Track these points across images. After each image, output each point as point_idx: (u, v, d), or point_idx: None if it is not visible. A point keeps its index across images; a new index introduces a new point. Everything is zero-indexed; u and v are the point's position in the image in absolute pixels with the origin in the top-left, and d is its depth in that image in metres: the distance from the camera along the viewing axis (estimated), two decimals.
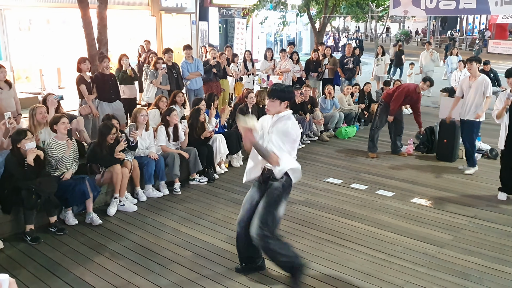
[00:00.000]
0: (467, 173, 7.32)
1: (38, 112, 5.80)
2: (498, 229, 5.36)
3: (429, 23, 27.43)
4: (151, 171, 6.29)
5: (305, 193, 6.51)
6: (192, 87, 9.53)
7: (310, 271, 4.41)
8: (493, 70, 12.93)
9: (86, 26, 8.76)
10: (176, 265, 4.55)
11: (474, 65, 7.06)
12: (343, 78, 12.17)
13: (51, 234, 5.14)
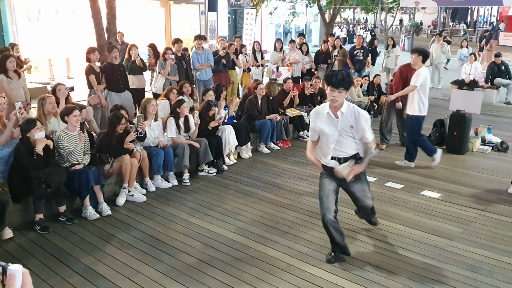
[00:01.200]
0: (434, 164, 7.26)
1: (47, 102, 5.80)
2: (508, 222, 5.31)
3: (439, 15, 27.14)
4: (160, 161, 6.29)
5: (314, 184, 6.48)
6: (201, 78, 9.52)
7: (319, 262, 4.41)
8: (504, 62, 12.82)
9: (95, 16, 8.74)
10: (185, 255, 4.56)
11: (415, 56, 6.92)
12: (352, 70, 12.08)
13: (60, 224, 5.17)
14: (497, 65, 12.68)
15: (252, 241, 4.84)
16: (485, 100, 11.12)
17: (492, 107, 11.87)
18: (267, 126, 7.94)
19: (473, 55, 13.24)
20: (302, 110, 9.07)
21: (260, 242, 4.82)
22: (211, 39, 18.46)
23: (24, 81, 7.35)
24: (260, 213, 5.55)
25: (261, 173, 6.95)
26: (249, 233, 5.03)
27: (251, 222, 5.29)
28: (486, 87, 12.58)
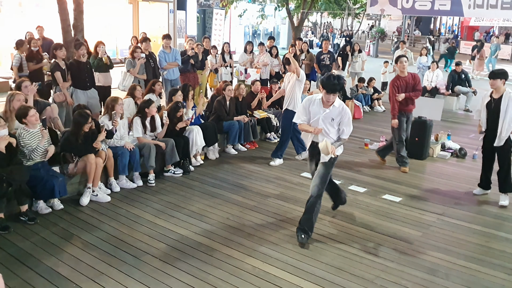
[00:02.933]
0: (272, 164, 7.55)
1: (15, 99, 5.66)
2: (465, 226, 5.53)
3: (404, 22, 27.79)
4: (126, 161, 6.23)
5: (280, 187, 6.58)
6: (169, 77, 9.48)
7: (283, 264, 4.49)
8: (464, 71, 13.25)
9: (62, 11, 8.58)
10: (150, 257, 4.55)
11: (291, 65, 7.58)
12: (319, 74, 12.26)
13: (21, 223, 5.07)
14: (458, 74, 13.10)
15: (217, 243, 4.87)
16: (446, 107, 11.49)
17: (452, 114, 12.27)
18: (235, 127, 7.98)
19: (435, 63, 13.64)
20: (270, 112, 9.15)
21: (225, 244, 4.85)
22: (179, 38, 18.36)
23: None
24: (226, 215, 5.58)
25: (228, 175, 6.98)
26: (215, 235, 5.06)
27: (216, 224, 5.32)
28: (447, 94, 12.99)
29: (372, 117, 11.61)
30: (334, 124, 4.96)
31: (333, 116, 4.93)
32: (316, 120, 4.97)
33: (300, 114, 5.08)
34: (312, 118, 5.02)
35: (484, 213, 5.95)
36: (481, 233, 5.37)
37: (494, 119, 6.11)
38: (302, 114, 5.06)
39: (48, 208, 5.40)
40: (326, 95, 4.81)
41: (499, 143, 6.10)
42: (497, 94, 6.13)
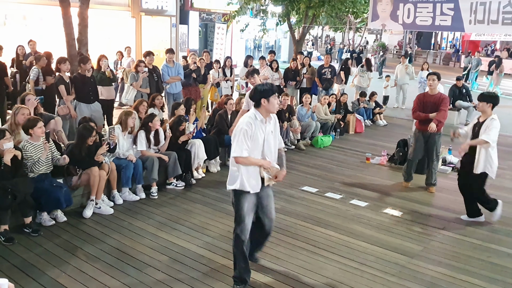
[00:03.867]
0: None
1: (20, 113, 5.73)
2: (465, 241, 5.55)
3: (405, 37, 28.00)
4: (129, 174, 6.29)
5: (281, 200, 6.61)
6: (171, 91, 9.57)
7: (284, 278, 4.51)
8: (465, 85, 13.33)
9: (67, 25, 8.69)
10: (152, 269, 4.57)
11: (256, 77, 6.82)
12: (320, 88, 12.36)
13: (25, 235, 5.10)
14: (458, 88, 13.18)
15: (219, 256, 4.90)
16: (447, 122, 11.48)
17: (453, 129, 12.24)
18: None
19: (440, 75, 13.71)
20: None
21: (227, 257, 4.87)
22: (181, 52, 18.51)
23: None
24: (227, 228, 5.60)
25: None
26: (216, 247, 5.09)
27: (218, 237, 5.35)
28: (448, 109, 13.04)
29: (374, 131, 11.66)
30: (274, 137, 4.27)
31: (272, 128, 4.24)
32: (260, 145, 4.11)
33: (242, 142, 3.99)
34: (253, 144, 4.08)
35: (485, 228, 5.97)
36: (482, 248, 5.39)
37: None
38: (244, 142, 4.00)
39: (52, 220, 5.45)
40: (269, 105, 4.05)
41: (476, 170, 5.92)
42: (482, 117, 6.01)
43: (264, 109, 4.06)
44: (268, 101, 4.03)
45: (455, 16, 10.88)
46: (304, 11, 15.28)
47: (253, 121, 4.03)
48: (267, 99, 4.03)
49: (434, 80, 6.99)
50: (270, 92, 4.05)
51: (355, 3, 16.02)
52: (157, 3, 17.22)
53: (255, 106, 4.11)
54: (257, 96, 4.07)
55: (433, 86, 7.01)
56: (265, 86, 4.10)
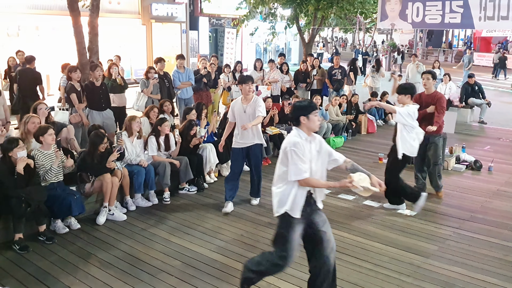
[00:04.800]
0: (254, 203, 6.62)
1: (31, 121, 5.80)
2: (482, 240, 5.48)
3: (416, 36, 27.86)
4: (141, 180, 6.32)
5: None
6: (182, 96, 9.61)
7: (297, 281, 4.48)
8: (478, 83, 13.19)
9: (78, 34, 8.77)
10: (166, 274, 4.58)
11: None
12: (331, 89, 12.32)
13: (40, 243, 5.15)
14: (471, 86, 13.05)
15: (232, 260, 4.90)
16: (460, 120, 11.45)
17: (466, 126, 12.19)
18: None
19: (447, 75, 13.60)
20: (282, 128, 9.20)
21: (240, 261, 4.85)
22: (192, 57, 18.59)
23: (4, 99, 7.35)
24: (240, 231, 5.61)
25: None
26: (230, 252, 5.08)
27: (231, 241, 5.35)
28: (461, 106, 12.93)
29: (386, 131, 11.56)
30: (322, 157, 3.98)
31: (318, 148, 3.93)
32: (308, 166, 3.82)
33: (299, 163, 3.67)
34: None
35: (501, 226, 5.89)
36: (499, 246, 5.31)
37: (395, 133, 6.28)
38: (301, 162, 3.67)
39: (66, 228, 5.49)
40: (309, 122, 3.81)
41: (399, 155, 6.13)
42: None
43: (305, 127, 3.78)
44: (308, 118, 3.75)
45: (464, 13, 10.77)
46: (312, 13, 15.28)
47: (299, 140, 3.72)
48: (307, 117, 3.75)
49: (428, 79, 6.61)
50: (310, 108, 3.78)
51: (363, 4, 15.96)
52: (167, 10, 17.32)
53: (295, 125, 3.85)
54: (295, 113, 3.80)
55: (427, 85, 6.63)
56: (303, 103, 3.87)
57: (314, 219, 3.89)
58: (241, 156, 6.30)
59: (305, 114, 3.75)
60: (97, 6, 8.97)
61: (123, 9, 16.17)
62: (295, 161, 3.65)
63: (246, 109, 6.10)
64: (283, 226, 3.84)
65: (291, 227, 3.80)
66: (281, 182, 3.83)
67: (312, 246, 3.96)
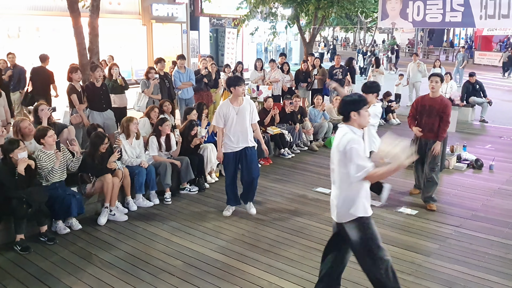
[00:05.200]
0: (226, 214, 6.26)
1: (22, 126, 5.78)
2: (483, 238, 5.47)
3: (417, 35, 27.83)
4: (142, 180, 6.32)
5: (294, 202, 6.59)
6: (183, 97, 9.62)
7: (298, 279, 4.48)
8: (479, 81, 13.16)
9: (78, 35, 8.79)
10: (167, 274, 4.59)
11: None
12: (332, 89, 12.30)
13: (41, 244, 5.16)
14: (472, 84, 13.03)
15: (233, 259, 4.90)
16: (461, 118, 11.44)
17: (467, 125, 12.18)
18: None
19: (448, 74, 13.59)
20: (283, 128, 9.20)
21: (241, 260, 4.88)
22: (192, 58, 18.59)
23: (4, 100, 7.35)
24: (241, 231, 5.61)
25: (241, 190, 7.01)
26: (231, 251, 5.09)
27: (232, 241, 5.35)
28: (462, 105, 12.92)
29: (387, 130, 11.55)
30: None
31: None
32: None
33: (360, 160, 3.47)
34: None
35: (502, 224, 5.88)
36: (500, 244, 5.31)
37: None
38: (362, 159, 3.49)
39: (67, 228, 5.50)
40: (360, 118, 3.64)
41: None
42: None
43: (356, 123, 3.59)
44: (359, 114, 3.56)
45: (465, 11, 10.78)
46: (313, 12, 15.25)
47: (356, 136, 3.53)
48: (358, 112, 3.56)
49: (437, 82, 6.33)
50: (361, 103, 3.59)
51: (364, 3, 15.95)
52: (167, 11, 17.32)
53: (344, 121, 3.65)
54: (345, 108, 3.61)
55: (435, 89, 6.36)
56: (353, 97, 3.66)
57: None
58: (234, 160, 6.03)
59: (356, 110, 3.56)
60: (97, 7, 8.98)
61: (123, 9, 16.17)
62: (357, 158, 3.44)
63: (238, 111, 5.85)
64: (364, 231, 3.62)
65: (370, 227, 3.64)
66: (345, 184, 3.60)
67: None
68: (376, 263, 3.63)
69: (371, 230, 3.63)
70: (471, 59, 33.82)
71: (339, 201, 3.68)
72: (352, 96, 3.70)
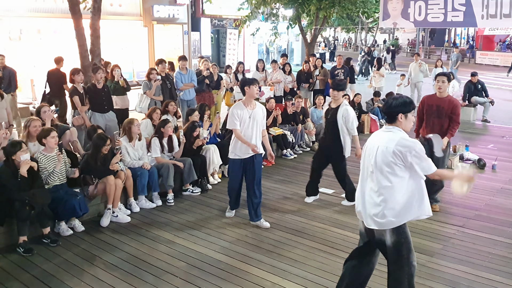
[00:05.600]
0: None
1: (32, 125, 5.81)
2: (486, 238, 5.46)
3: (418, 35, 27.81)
4: (145, 182, 6.32)
5: (297, 203, 6.58)
6: (185, 98, 9.62)
7: (302, 280, 4.48)
8: (481, 81, 13.15)
9: (79, 37, 8.80)
10: (170, 275, 4.58)
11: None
12: None
13: (44, 246, 5.16)
14: (474, 84, 13.01)
15: (236, 260, 4.90)
16: (463, 118, 11.36)
17: (469, 125, 12.16)
18: None
19: (450, 74, 13.56)
20: (285, 128, 9.20)
21: (245, 261, 4.87)
22: (194, 59, 18.62)
23: (7, 102, 7.36)
24: (244, 232, 5.61)
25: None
26: (234, 252, 5.08)
27: (235, 242, 5.35)
28: (464, 105, 12.89)
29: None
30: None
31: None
32: None
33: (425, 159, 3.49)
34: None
35: (506, 224, 5.87)
36: (503, 244, 5.29)
37: (329, 128, 6.31)
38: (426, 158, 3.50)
39: (70, 230, 5.50)
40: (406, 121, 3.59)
41: (345, 153, 6.27)
42: (334, 104, 6.31)
43: (402, 126, 3.52)
44: (406, 117, 3.51)
45: (467, 11, 10.75)
46: (314, 13, 15.25)
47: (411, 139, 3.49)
48: (405, 115, 3.50)
49: (444, 82, 6.17)
50: (410, 106, 3.52)
51: (365, 3, 15.95)
52: (168, 12, 17.36)
53: (388, 122, 3.57)
54: (394, 109, 3.51)
55: (442, 89, 6.19)
56: (404, 99, 3.56)
57: None
58: (241, 168, 5.79)
59: (404, 112, 3.49)
60: (98, 9, 8.99)
61: (125, 11, 16.21)
62: (425, 158, 3.43)
63: (251, 114, 5.63)
64: (400, 235, 3.55)
65: (405, 230, 3.57)
66: (400, 188, 3.46)
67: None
68: (404, 268, 3.61)
69: (406, 233, 3.58)
70: (473, 59, 33.82)
71: (383, 208, 3.50)
72: (403, 98, 3.58)
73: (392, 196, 3.46)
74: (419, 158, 3.41)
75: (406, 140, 3.44)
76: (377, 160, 3.50)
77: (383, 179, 3.48)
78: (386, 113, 3.59)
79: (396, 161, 3.41)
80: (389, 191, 3.47)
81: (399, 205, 3.46)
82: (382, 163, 3.46)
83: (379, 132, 3.66)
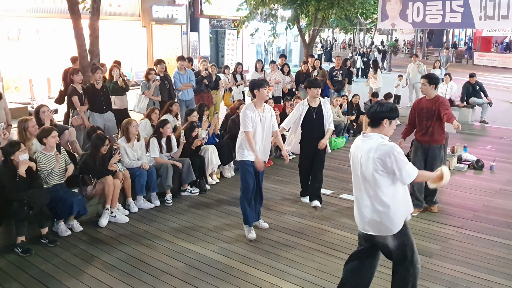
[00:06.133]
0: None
1: (30, 125, 5.79)
2: (484, 239, 5.47)
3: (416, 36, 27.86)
4: (143, 182, 6.32)
5: (295, 203, 6.58)
6: (183, 98, 9.61)
7: (300, 281, 4.48)
8: (479, 82, 13.17)
9: (78, 37, 8.77)
10: (169, 276, 4.58)
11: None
12: (332, 90, 12.31)
13: (42, 246, 5.15)
14: (472, 85, 13.04)
15: (235, 261, 4.89)
16: (461, 119, 11.43)
17: (468, 126, 12.17)
18: None
19: (448, 75, 13.59)
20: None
21: (243, 262, 4.87)
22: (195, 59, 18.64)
23: (5, 102, 7.35)
24: (243, 232, 5.59)
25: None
26: (232, 253, 5.08)
27: (234, 242, 5.35)
28: (462, 106, 12.92)
29: None
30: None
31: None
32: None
33: (407, 163, 3.43)
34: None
35: (504, 224, 5.88)
36: (502, 245, 5.30)
37: (313, 125, 6.33)
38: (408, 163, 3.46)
39: (68, 230, 5.49)
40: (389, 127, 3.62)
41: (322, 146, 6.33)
42: (315, 103, 6.35)
43: (384, 131, 3.56)
44: (390, 123, 3.55)
45: (465, 12, 10.78)
46: (313, 14, 15.27)
47: (392, 143, 3.51)
48: (390, 121, 3.54)
49: (424, 84, 5.99)
50: (396, 113, 3.58)
51: (364, 4, 15.96)
52: (167, 12, 17.37)
53: (372, 126, 3.58)
54: (379, 115, 3.53)
55: (424, 91, 6.06)
56: (390, 105, 3.58)
57: None
58: (253, 171, 5.44)
59: (389, 118, 3.52)
60: (97, 9, 8.97)
61: (124, 11, 16.21)
62: (404, 163, 3.39)
63: (262, 117, 5.41)
64: (402, 237, 3.58)
65: (407, 232, 3.61)
66: (390, 194, 3.48)
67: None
68: (409, 269, 3.64)
69: (407, 235, 3.61)
70: (471, 60, 33.89)
71: (379, 213, 3.51)
72: (389, 104, 3.59)
73: (383, 203, 3.48)
74: (398, 162, 3.37)
75: (384, 144, 3.44)
76: (362, 170, 3.53)
77: (370, 188, 3.51)
78: (371, 118, 3.57)
79: (378, 168, 3.41)
80: (379, 198, 3.49)
81: (392, 211, 3.48)
82: (367, 172, 3.49)
83: (359, 140, 3.64)
